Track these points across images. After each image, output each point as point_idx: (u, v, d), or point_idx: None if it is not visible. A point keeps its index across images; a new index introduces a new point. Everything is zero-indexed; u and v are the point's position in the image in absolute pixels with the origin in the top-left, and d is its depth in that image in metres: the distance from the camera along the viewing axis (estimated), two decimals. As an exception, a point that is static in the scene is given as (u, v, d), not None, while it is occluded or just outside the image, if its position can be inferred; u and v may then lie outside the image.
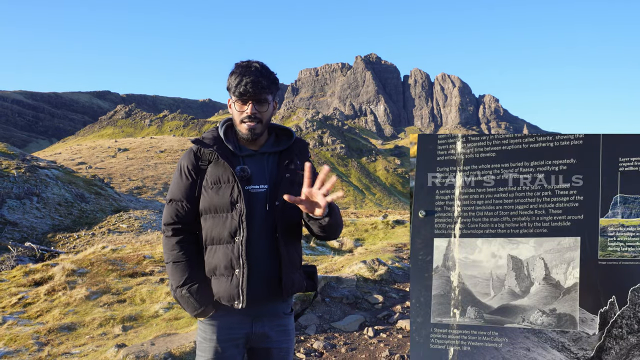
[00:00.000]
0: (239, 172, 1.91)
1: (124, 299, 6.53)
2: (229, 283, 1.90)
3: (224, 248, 1.91)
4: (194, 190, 1.94)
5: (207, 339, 1.95)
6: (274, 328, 2.02)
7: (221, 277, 1.92)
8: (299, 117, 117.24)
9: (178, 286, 1.91)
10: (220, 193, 1.90)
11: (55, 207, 19.82)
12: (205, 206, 1.93)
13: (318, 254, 11.06)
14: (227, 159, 1.91)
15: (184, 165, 1.97)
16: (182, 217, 1.95)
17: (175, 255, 1.93)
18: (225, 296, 1.91)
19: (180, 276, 1.91)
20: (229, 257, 1.90)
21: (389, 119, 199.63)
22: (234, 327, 1.95)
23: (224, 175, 1.91)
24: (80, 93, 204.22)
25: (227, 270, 1.91)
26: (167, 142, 77.46)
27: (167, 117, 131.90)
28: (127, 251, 10.38)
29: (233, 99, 1.94)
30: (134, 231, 17.52)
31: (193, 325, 4.76)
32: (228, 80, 1.97)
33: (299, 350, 4.22)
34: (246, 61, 1.98)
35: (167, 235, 1.96)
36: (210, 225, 1.93)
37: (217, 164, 1.93)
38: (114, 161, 60.81)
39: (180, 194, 1.95)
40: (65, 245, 15.44)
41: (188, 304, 1.91)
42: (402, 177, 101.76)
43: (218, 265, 1.92)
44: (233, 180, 1.90)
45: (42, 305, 6.50)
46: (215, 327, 1.95)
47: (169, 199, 1.98)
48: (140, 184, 47.56)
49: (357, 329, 4.88)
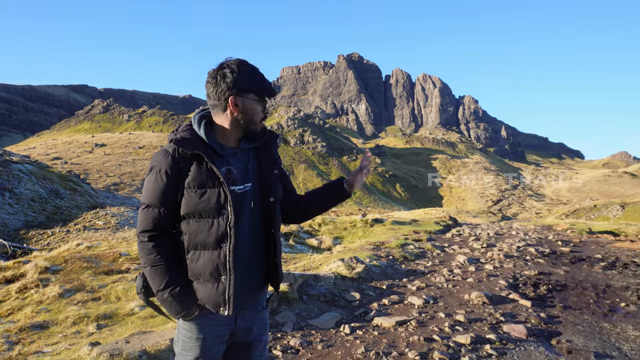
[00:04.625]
0: (224, 174, 1.86)
1: (99, 296, 6.42)
2: (214, 290, 1.87)
3: (210, 254, 1.87)
4: (173, 195, 1.87)
5: (192, 338, 1.92)
6: (256, 322, 2.05)
7: (206, 283, 1.89)
8: (280, 115, 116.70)
9: (159, 290, 1.87)
10: (206, 197, 1.84)
11: (29, 203, 19.32)
12: (188, 210, 1.87)
13: (297, 252, 11.07)
14: (212, 161, 1.85)
15: (161, 168, 1.86)
16: (160, 223, 1.88)
17: (154, 259, 1.86)
18: (210, 302, 1.89)
19: (161, 280, 1.86)
20: (215, 263, 1.86)
21: (370, 118, 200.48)
22: (218, 324, 1.95)
23: (210, 179, 1.85)
24: (56, 86, 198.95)
25: (213, 276, 1.87)
26: (146, 138, 76.17)
27: (146, 112, 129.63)
28: (103, 248, 10.21)
29: (255, 98, 1.94)
30: (110, 228, 17.22)
31: (169, 323, 4.72)
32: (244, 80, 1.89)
33: (276, 348, 4.24)
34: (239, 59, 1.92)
35: (143, 240, 1.88)
36: (194, 229, 1.87)
37: (200, 166, 1.86)
38: (91, 157, 59.51)
39: (157, 199, 1.86)
40: (39, 243, 15.08)
41: (171, 307, 1.87)
42: (383, 176, 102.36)
43: (203, 272, 1.88)
44: (219, 184, 1.85)
45: (13, 304, 6.34)
46: (201, 326, 1.93)
47: (146, 204, 1.89)
48: (117, 180, 46.69)
49: (333, 326, 4.92)
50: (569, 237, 14.14)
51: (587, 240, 13.03)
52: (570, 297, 6.43)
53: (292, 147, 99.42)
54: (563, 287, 6.97)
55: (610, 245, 11.85)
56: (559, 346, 4.48)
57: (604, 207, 40.62)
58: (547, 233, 15.55)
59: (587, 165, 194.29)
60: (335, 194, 2.19)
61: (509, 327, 4.88)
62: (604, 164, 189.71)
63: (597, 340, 4.70)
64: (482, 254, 10.10)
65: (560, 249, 10.94)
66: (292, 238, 12.82)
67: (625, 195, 74.25)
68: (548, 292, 6.66)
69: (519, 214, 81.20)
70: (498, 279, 7.40)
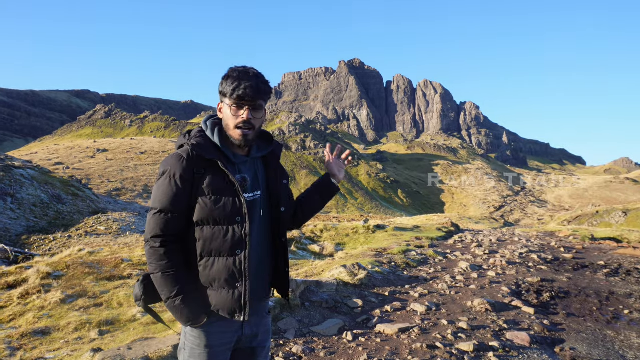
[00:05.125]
0: (240, 181, 1.87)
1: (101, 302, 6.41)
2: (230, 296, 1.87)
3: (224, 261, 1.86)
4: (186, 200, 1.85)
5: (201, 345, 1.91)
6: (261, 328, 2.07)
7: (221, 290, 1.88)
8: (282, 121, 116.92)
9: (170, 297, 1.85)
10: (221, 204, 1.83)
11: (31, 208, 19.34)
12: (202, 217, 1.85)
13: (299, 258, 11.05)
14: (227, 169, 1.85)
15: (175, 173, 1.84)
16: (172, 229, 1.86)
17: (165, 265, 1.84)
18: (225, 309, 1.89)
19: (172, 287, 1.84)
20: (230, 270, 1.86)
21: (371, 124, 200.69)
22: (226, 331, 1.95)
23: (225, 186, 1.84)
24: (59, 92, 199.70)
25: (228, 283, 1.87)
26: (147, 143, 76.31)
27: (148, 118, 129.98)
28: (105, 254, 10.20)
29: (228, 103, 1.88)
30: (112, 234, 17.22)
31: (171, 329, 4.71)
32: (222, 84, 1.90)
33: (278, 354, 4.22)
34: (242, 66, 1.92)
35: (154, 246, 1.85)
36: (208, 236, 1.86)
37: (215, 172, 1.85)
38: (93, 162, 59.63)
39: (171, 204, 1.84)
40: (41, 248, 15.08)
41: (182, 314, 1.86)
42: (384, 181, 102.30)
43: (217, 278, 1.87)
44: (234, 191, 1.85)
45: (15, 309, 6.34)
46: (209, 333, 1.92)
47: (158, 209, 1.86)
48: (119, 186, 46.72)
49: (336, 333, 4.90)
50: (572, 243, 14.10)
51: (589, 247, 12.99)
52: (573, 304, 6.40)
53: (293, 153, 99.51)
54: (566, 294, 6.94)
55: (613, 251, 11.81)
56: (562, 354, 4.45)
57: (606, 213, 40.51)
58: (549, 239, 15.50)
59: (589, 171, 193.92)
60: (322, 190, 2.20)
61: (512, 335, 4.85)
62: (606, 170, 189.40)
63: (600, 348, 4.67)
64: (484, 261, 10.07)
65: (563, 256, 10.90)
66: (294, 244, 12.81)
67: (628, 201, 74.06)
68: (551, 299, 6.63)
69: (521, 220, 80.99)
70: (501, 285, 7.38)
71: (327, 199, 2.19)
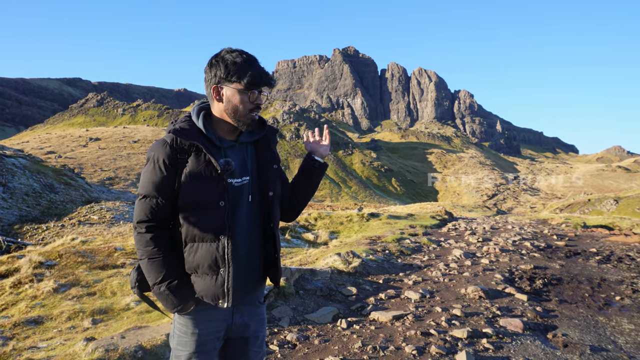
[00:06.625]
0: (222, 165, 1.84)
1: (94, 291, 6.38)
2: (213, 282, 1.86)
3: (208, 246, 1.85)
4: (171, 185, 1.84)
5: (188, 333, 1.91)
6: (253, 318, 2.04)
7: (204, 276, 1.87)
8: (275, 109, 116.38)
9: (155, 283, 1.84)
10: (203, 189, 1.82)
11: (23, 197, 19.18)
12: (185, 202, 1.84)
13: (293, 246, 11.06)
14: (210, 153, 1.83)
15: (159, 158, 1.84)
16: (157, 214, 1.85)
17: (151, 251, 1.84)
18: (209, 295, 1.87)
19: (158, 273, 1.83)
20: (213, 255, 1.84)
21: (365, 113, 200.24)
22: (215, 320, 1.93)
23: (207, 170, 1.82)
24: (50, 80, 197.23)
25: (211, 269, 1.86)
26: (140, 132, 75.75)
27: (141, 106, 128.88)
28: (98, 243, 10.15)
29: (241, 87, 1.85)
30: (105, 223, 17.14)
31: (164, 318, 4.69)
32: (227, 67, 1.85)
33: (272, 342, 4.23)
34: (238, 49, 1.88)
35: (140, 232, 1.86)
36: (192, 221, 1.85)
37: (198, 157, 1.84)
38: (85, 151, 59.16)
39: (155, 189, 1.84)
40: (33, 237, 14.98)
41: (167, 300, 1.85)
42: (378, 170, 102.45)
43: (201, 264, 1.86)
44: (217, 175, 1.83)
45: (7, 299, 6.29)
46: (197, 320, 1.91)
47: (143, 194, 1.86)
48: (112, 175, 46.46)
49: (330, 320, 4.91)
50: (564, 231, 14.21)
51: (581, 234, 13.10)
52: (565, 291, 6.46)
53: (287, 142, 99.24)
54: (558, 281, 6.99)
55: (604, 239, 11.92)
56: (555, 340, 4.49)
57: (598, 201, 40.85)
58: (542, 227, 15.62)
59: (582, 159, 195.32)
60: (305, 169, 2.17)
61: (505, 321, 4.89)
62: (598, 158, 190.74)
63: (592, 333, 4.72)
64: (478, 248, 10.13)
65: (556, 243, 10.98)
66: (288, 232, 12.81)
67: (619, 189, 74.72)
68: (544, 286, 6.68)
69: (514, 208, 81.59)
70: (494, 273, 7.42)
71: (315, 178, 2.15)
